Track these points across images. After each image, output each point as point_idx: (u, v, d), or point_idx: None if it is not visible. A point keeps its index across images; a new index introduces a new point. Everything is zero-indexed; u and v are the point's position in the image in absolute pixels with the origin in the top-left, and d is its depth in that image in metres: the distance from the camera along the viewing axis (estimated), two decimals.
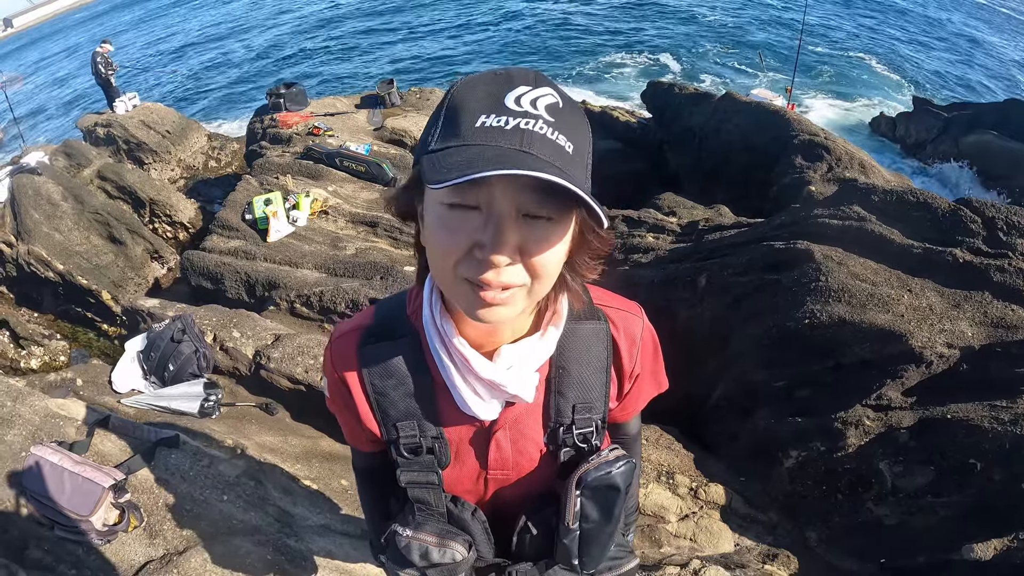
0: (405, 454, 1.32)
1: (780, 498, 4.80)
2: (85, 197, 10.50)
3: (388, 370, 1.28)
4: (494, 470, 1.37)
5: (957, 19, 34.28)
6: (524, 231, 0.96)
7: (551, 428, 1.34)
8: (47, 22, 50.64)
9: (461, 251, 0.98)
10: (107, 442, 3.97)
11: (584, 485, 1.31)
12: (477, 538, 1.41)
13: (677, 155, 13.39)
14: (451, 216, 0.97)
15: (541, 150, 0.92)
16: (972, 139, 14.23)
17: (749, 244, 6.12)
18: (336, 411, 1.43)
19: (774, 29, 31.25)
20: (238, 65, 32.24)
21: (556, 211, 0.96)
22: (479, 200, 0.94)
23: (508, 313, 1.04)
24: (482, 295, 1.00)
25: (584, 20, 33.36)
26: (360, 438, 1.45)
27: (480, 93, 0.97)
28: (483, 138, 0.92)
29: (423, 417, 1.29)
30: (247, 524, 3.67)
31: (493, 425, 1.31)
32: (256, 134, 11.81)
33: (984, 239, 4.99)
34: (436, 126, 0.99)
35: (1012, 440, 3.94)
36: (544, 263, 1.00)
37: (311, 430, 5.02)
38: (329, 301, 6.60)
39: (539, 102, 0.96)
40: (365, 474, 1.67)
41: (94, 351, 9.50)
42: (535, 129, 0.93)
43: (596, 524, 1.35)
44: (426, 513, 1.39)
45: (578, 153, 0.98)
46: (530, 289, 1.03)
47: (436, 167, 0.90)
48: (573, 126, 0.98)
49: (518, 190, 0.92)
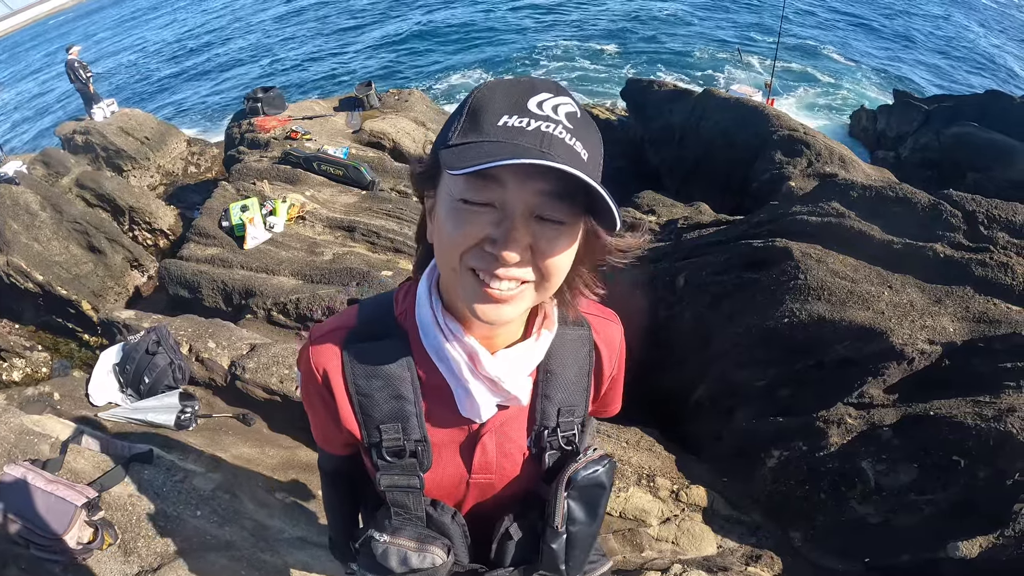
0: (387, 457, 1.29)
1: (763, 499, 4.78)
2: (64, 206, 10.40)
3: (374, 371, 1.26)
4: (478, 474, 1.36)
5: (938, 12, 34.47)
6: (536, 231, 0.98)
7: (536, 431, 1.35)
8: (25, 28, 50.35)
9: (471, 243, 0.99)
10: (80, 459, 3.95)
11: (572, 486, 1.32)
12: (456, 542, 1.40)
13: (657, 152, 13.44)
14: (466, 210, 0.98)
15: (559, 153, 0.93)
16: (953, 131, 14.24)
17: (728, 243, 6.12)
18: (311, 409, 1.40)
19: (753, 24, 31.33)
20: (217, 69, 32.10)
21: (567, 215, 0.98)
22: (494, 199, 0.96)
23: (510, 312, 1.06)
24: (487, 290, 1.01)
25: (563, 17, 33.41)
26: (333, 440, 1.43)
27: (503, 96, 0.99)
28: (504, 136, 0.94)
29: (408, 420, 1.28)
30: (220, 540, 3.64)
31: (481, 428, 1.31)
32: (235, 139, 11.76)
33: (965, 233, 4.99)
34: (457, 123, 1.00)
35: (996, 437, 3.92)
36: (553, 264, 1.02)
37: (289, 440, 4.97)
38: (305, 308, 6.57)
39: (560, 109, 0.98)
40: (334, 477, 1.67)
41: (76, 362, 9.48)
42: (555, 133, 0.94)
43: (583, 525, 1.36)
44: (403, 518, 1.36)
45: (592, 162, 0.99)
46: (537, 287, 1.05)
47: (457, 156, 0.93)
48: (589, 136, 1.00)
49: (533, 193, 0.95)
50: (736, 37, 29.61)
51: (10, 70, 38.56)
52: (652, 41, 29.84)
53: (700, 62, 27.50)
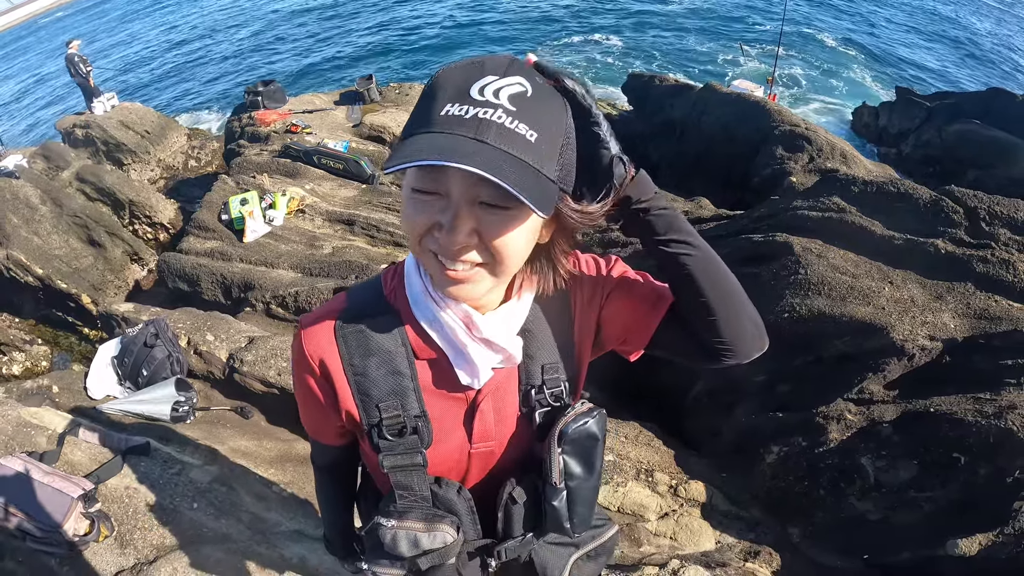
0: (388, 436, 1.29)
1: (762, 494, 4.77)
2: (64, 200, 10.40)
3: (369, 349, 1.27)
4: (478, 443, 1.37)
5: (942, 9, 34.39)
6: (480, 216, 1.02)
7: (523, 391, 1.36)
8: (25, 23, 50.26)
9: (423, 229, 1.05)
10: (77, 451, 3.96)
11: (564, 440, 1.33)
12: (463, 518, 1.41)
13: (658, 147, 13.39)
14: (417, 199, 1.04)
15: (497, 139, 0.94)
16: (955, 128, 14.24)
17: (729, 237, 6.10)
18: (303, 398, 1.39)
19: (755, 19, 31.29)
20: (217, 62, 32.04)
21: (509, 200, 0.97)
22: (439, 188, 1.01)
23: (472, 291, 1.12)
24: (447, 272, 1.07)
25: (563, 12, 33.37)
26: (328, 430, 1.44)
27: (450, 82, 1.00)
28: (444, 126, 0.96)
29: (406, 395, 1.29)
30: (217, 532, 3.65)
31: (477, 396, 1.33)
32: (235, 132, 11.75)
33: (966, 229, 4.97)
34: (416, 109, 1.04)
35: (996, 434, 3.91)
36: (503, 246, 1.05)
37: (286, 433, 4.97)
38: (304, 301, 6.56)
39: (502, 92, 0.97)
40: (330, 471, 1.66)
41: (75, 355, 9.46)
42: (492, 119, 0.95)
43: (580, 479, 1.38)
44: (409, 500, 1.36)
45: (544, 141, 0.99)
46: (492, 270, 1.09)
47: (397, 152, 0.96)
48: (540, 114, 1.00)
49: (474, 182, 0.97)
50: (738, 32, 29.58)
51: (10, 64, 38.51)
52: (654, 36, 29.82)
53: (702, 57, 27.47)
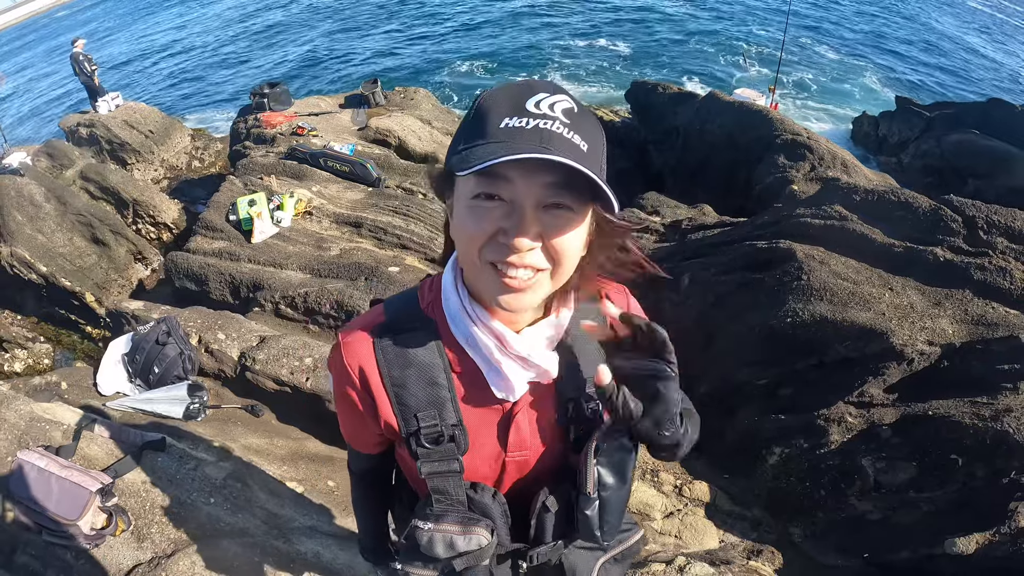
0: (426, 444, 1.33)
1: (764, 495, 4.83)
2: (68, 198, 10.39)
3: (407, 360, 1.31)
4: (513, 451, 1.40)
5: (944, 21, 34.40)
6: (544, 219, 1.06)
7: (562, 404, 1.39)
8: (28, 20, 50.11)
9: (486, 236, 1.07)
10: (93, 446, 3.96)
11: (600, 452, 1.34)
12: (497, 522, 1.44)
13: (661, 154, 13.45)
14: (480, 207, 1.06)
15: (559, 147, 0.99)
16: (954, 138, 14.27)
17: (732, 243, 6.16)
18: (343, 409, 1.44)
19: (758, 29, 31.29)
20: (222, 64, 31.86)
21: (573, 201, 1.05)
22: (504, 194, 1.04)
23: (530, 299, 1.14)
24: (505, 281, 1.09)
25: (566, 19, 33.31)
26: (366, 438, 1.49)
27: (503, 99, 1.06)
28: (506, 136, 1.01)
29: (443, 405, 1.32)
30: (234, 526, 3.67)
31: (513, 407, 1.36)
32: (240, 134, 11.71)
33: (965, 238, 5.05)
34: (464, 130, 1.09)
35: (993, 436, 3.99)
36: (563, 248, 1.09)
37: (297, 431, 5.01)
38: (314, 302, 6.57)
39: (556, 106, 1.04)
40: (365, 477, 1.70)
41: (78, 353, 9.42)
42: (553, 128, 1.01)
43: (613, 490, 1.38)
44: (445, 504, 1.40)
45: (592, 152, 1.06)
46: (552, 274, 1.13)
47: (462, 159, 1.01)
48: (587, 129, 1.07)
49: (539, 186, 1.02)
50: (741, 42, 29.58)
51: (14, 61, 38.35)
52: (657, 43, 29.77)
53: (704, 66, 27.45)
